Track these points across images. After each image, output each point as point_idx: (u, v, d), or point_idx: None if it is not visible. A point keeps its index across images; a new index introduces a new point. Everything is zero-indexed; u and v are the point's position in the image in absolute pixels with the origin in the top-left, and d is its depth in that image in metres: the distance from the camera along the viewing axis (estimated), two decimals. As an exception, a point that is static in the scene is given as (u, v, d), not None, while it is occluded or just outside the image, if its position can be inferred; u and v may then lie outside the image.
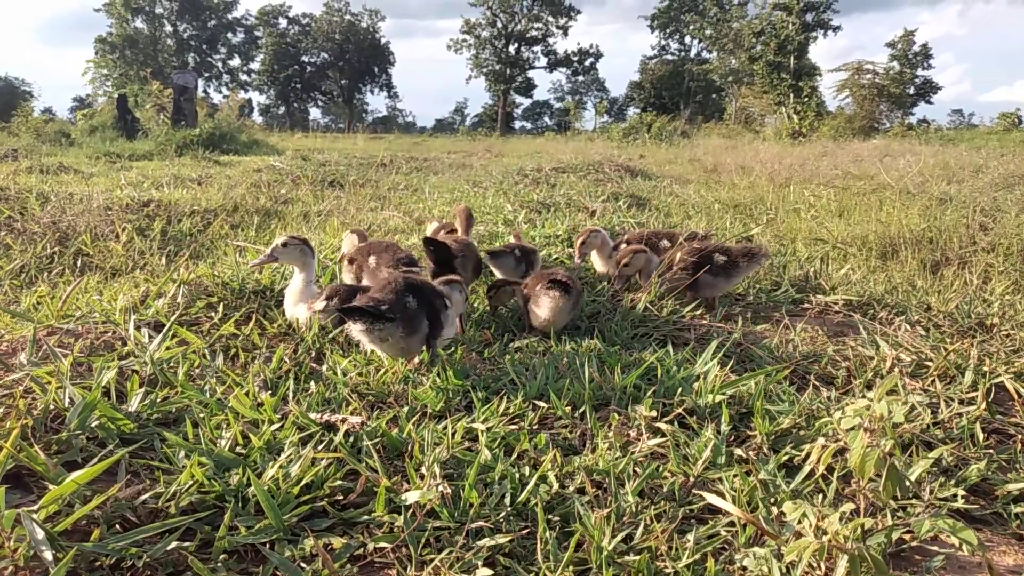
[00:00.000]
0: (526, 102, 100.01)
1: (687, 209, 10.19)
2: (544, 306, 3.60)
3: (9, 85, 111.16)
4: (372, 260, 3.90)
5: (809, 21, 47.44)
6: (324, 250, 5.74)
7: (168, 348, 2.90)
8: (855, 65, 43.03)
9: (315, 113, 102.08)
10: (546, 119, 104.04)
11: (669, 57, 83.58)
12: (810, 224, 8.61)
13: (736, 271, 4.42)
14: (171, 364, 2.82)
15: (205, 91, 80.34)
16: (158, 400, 2.41)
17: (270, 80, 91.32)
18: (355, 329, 2.87)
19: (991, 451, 2.53)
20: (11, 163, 16.39)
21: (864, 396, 3.00)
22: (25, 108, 35.20)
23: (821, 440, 1.91)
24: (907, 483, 2.12)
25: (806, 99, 43.79)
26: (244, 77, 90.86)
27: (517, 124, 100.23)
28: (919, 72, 60.71)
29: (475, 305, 4.19)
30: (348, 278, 4.15)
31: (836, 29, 49.04)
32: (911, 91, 57.25)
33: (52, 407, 2.26)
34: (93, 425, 2.16)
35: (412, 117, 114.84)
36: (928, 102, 61.48)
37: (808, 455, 2.17)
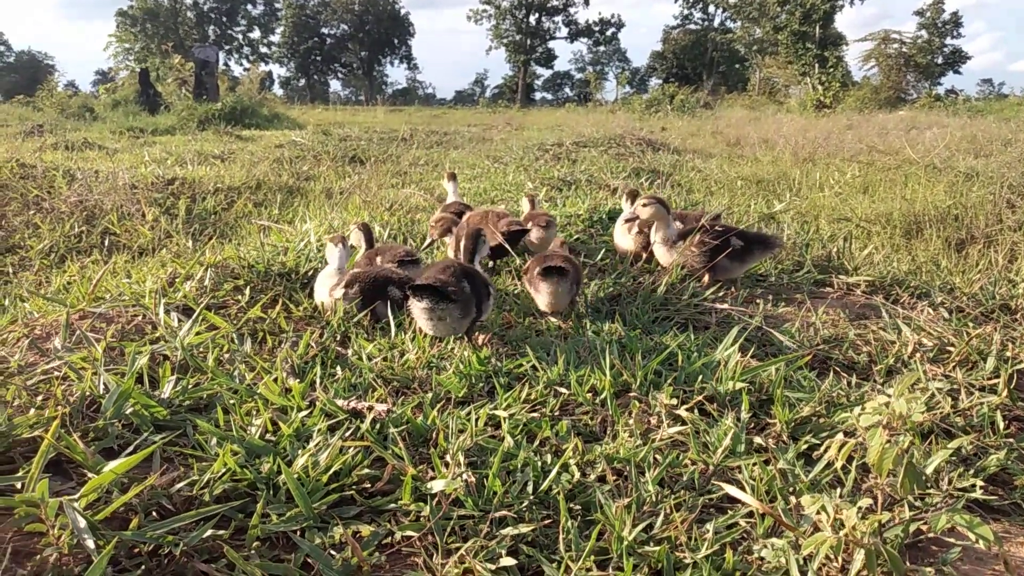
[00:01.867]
0: (547, 73, 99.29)
1: (709, 185, 10.12)
2: (543, 292, 3.63)
3: (33, 59, 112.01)
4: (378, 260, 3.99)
5: (836, -11, 46.53)
6: (348, 230, 5.77)
7: (198, 333, 2.96)
8: (882, 34, 42.26)
9: (335, 85, 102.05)
10: (567, 90, 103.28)
11: (692, 27, 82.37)
12: (833, 201, 8.53)
13: (750, 257, 4.43)
14: (201, 349, 2.89)
15: (226, 64, 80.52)
16: (189, 386, 2.47)
17: (290, 52, 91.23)
18: (418, 306, 3.04)
19: (1011, 440, 2.53)
20: (37, 139, 16.58)
21: (885, 385, 3.02)
22: (50, 83, 35.45)
23: (840, 436, 1.93)
24: (925, 476, 2.15)
25: (831, 69, 43.06)
26: (264, 50, 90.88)
27: (537, 95, 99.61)
28: (948, 41, 59.52)
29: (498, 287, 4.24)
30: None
31: (863, -3, 48.04)
32: (939, 60, 56.17)
33: (88, 394, 2.33)
34: (127, 412, 2.23)
35: (432, 89, 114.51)
36: (957, 72, 60.34)
37: (827, 446, 2.20)
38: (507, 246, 4.39)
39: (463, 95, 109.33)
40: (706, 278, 4.40)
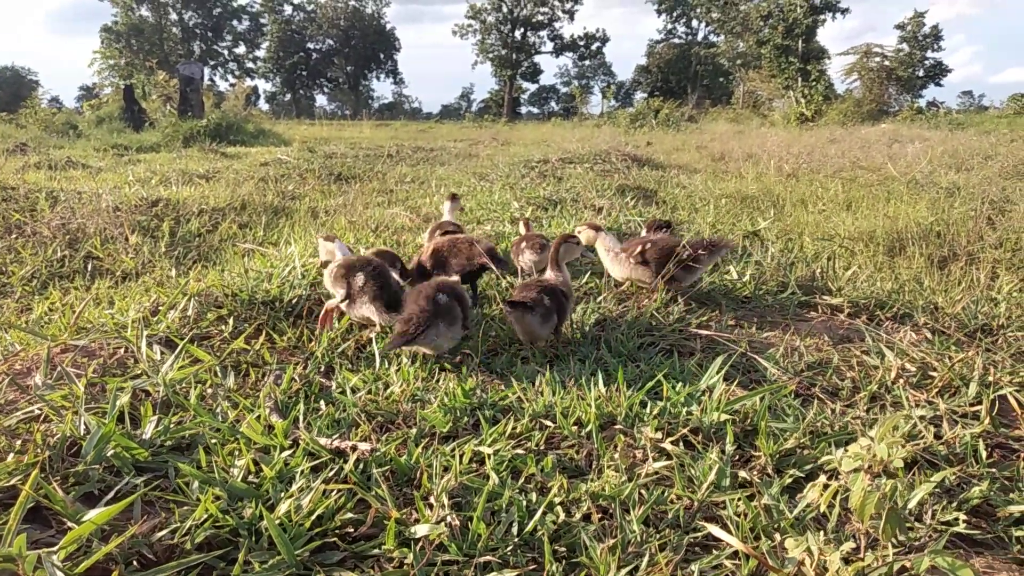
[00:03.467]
0: (532, 87, 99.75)
1: (694, 202, 10.17)
2: (516, 326, 3.63)
3: (16, 75, 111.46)
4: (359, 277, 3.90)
5: (817, 3, 47.03)
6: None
7: (181, 367, 2.94)
8: (863, 48, 42.76)
9: (321, 100, 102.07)
10: (552, 104, 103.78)
11: (676, 41, 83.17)
12: (817, 218, 8.60)
13: (699, 263, 4.50)
14: (183, 385, 2.86)
15: (211, 79, 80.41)
16: (171, 426, 2.45)
17: (276, 67, 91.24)
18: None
19: (993, 469, 2.55)
20: (20, 157, 16.48)
21: (869, 412, 3.03)
22: (33, 100, 35.25)
23: (823, 478, 1.93)
24: (908, 511, 2.16)
25: (814, 83, 43.50)
26: (250, 64, 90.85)
27: (523, 109, 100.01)
28: (929, 54, 60.26)
29: (484, 312, 4.23)
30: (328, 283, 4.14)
31: (844, 12, 48.54)
32: (920, 73, 56.85)
33: (69, 435, 2.30)
34: (108, 455, 2.20)
35: (418, 103, 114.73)
36: (938, 84, 61.12)
37: (811, 479, 2.20)
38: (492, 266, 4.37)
39: (449, 109, 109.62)
40: (659, 287, 4.45)
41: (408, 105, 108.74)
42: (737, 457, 2.57)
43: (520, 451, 2.45)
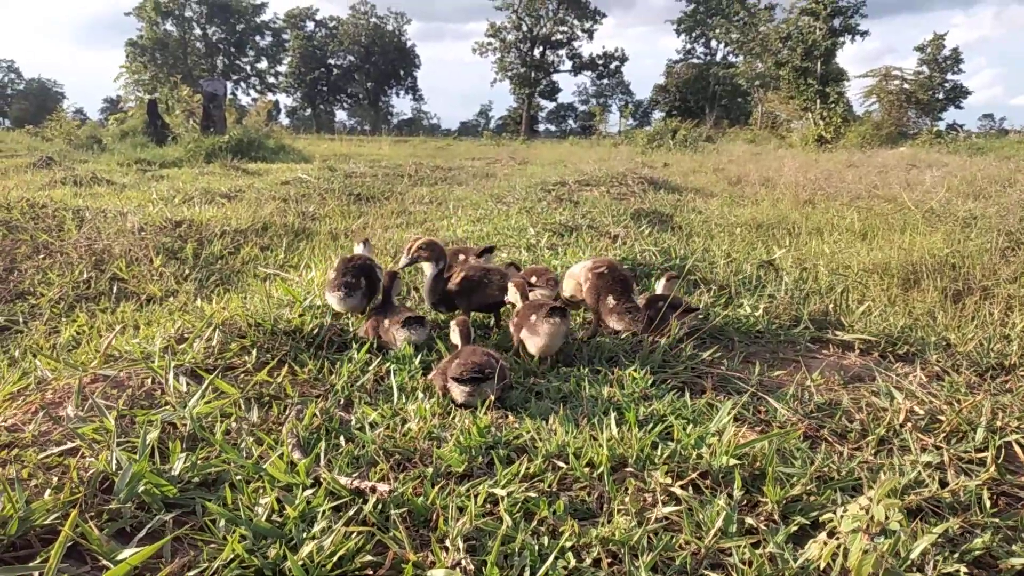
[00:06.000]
0: (550, 105, 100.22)
1: (710, 228, 10.24)
2: (544, 339, 3.93)
3: (43, 87, 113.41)
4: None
5: (837, 26, 47.07)
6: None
7: (207, 402, 3.05)
8: (883, 71, 42.75)
9: (341, 115, 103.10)
10: (570, 122, 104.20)
11: (695, 61, 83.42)
12: (832, 248, 8.63)
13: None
14: (209, 419, 2.97)
15: (234, 93, 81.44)
16: (198, 462, 2.55)
17: (297, 82, 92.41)
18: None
19: (997, 519, 2.59)
20: (46, 171, 16.81)
21: (877, 456, 3.09)
22: (59, 114, 35.84)
23: (823, 535, 2.00)
24: (910, 561, 2.21)
25: (833, 105, 43.46)
26: (271, 79, 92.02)
27: (541, 127, 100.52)
28: (949, 76, 60.13)
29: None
30: None
31: (864, 34, 48.55)
32: (940, 96, 56.68)
33: (101, 470, 2.41)
34: (139, 491, 2.31)
35: (437, 119, 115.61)
36: (958, 107, 61.01)
37: (816, 527, 2.26)
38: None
39: (467, 126, 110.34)
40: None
41: (427, 121, 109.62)
42: (745, 502, 2.64)
43: (533, 493, 2.52)
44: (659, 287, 5.08)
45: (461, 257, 5.43)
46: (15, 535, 2.03)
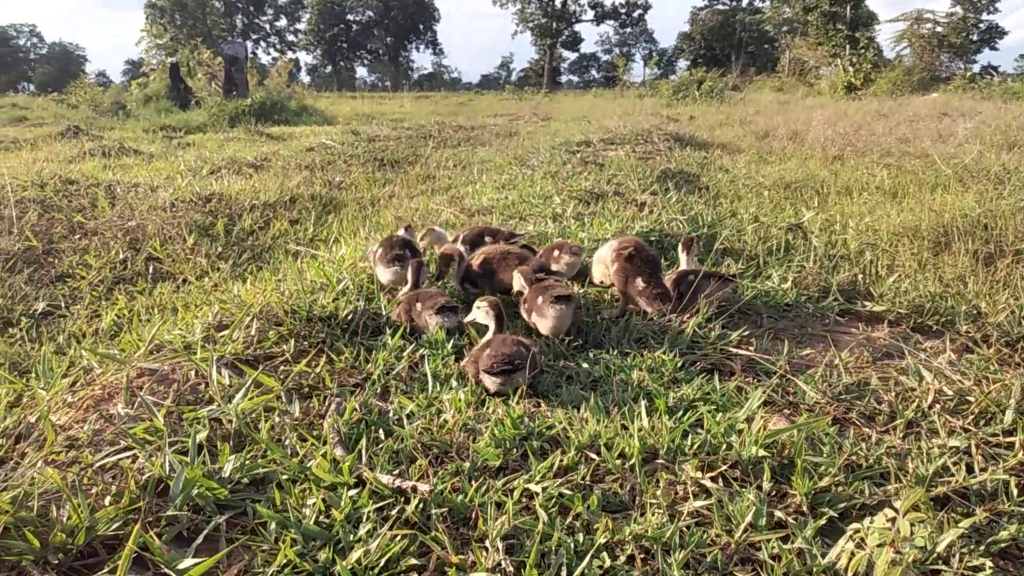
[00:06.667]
0: (573, 55, 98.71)
1: (737, 188, 10.15)
2: (554, 320, 4.08)
3: (65, 50, 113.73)
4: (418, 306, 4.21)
5: (867, -32, 45.59)
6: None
7: (250, 398, 3.16)
8: (914, 15, 41.46)
9: (361, 71, 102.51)
10: (593, 72, 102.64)
11: (720, 7, 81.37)
12: (861, 208, 8.53)
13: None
14: (253, 415, 3.09)
15: (254, 52, 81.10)
16: (246, 463, 2.66)
17: (317, 39, 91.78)
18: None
19: (1024, 507, 2.63)
20: (74, 141, 17.01)
21: (905, 440, 3.13)
22: (83, 80, 36.07)
23: (851, 545, 2.06)
24: (936, 554, 2.27)
25: (862, 51, 42.33)
26: (291, 37, 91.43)
27: (564, 78, 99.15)
28: (984, 16, 58.18)
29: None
30: None
31: (896, -25, 46.95)
32: (974, 37, 54.96)
33: (156, 475, 2.53)
34: (193, 494, 2.43)
35: (458, 73, 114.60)
36: (993, 48, 59.15)
37: (844, 518, 2.33)
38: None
39: (489, 79, 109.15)
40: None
41: (447, 75, 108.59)
42: (774, 493, 2.70)
43: (567, 490, 2.61)
44: (683, 260, 5.07)
45: (488, 239, 5.48)
46: (82, 544, 2.16)
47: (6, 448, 2.79)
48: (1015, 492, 2.70)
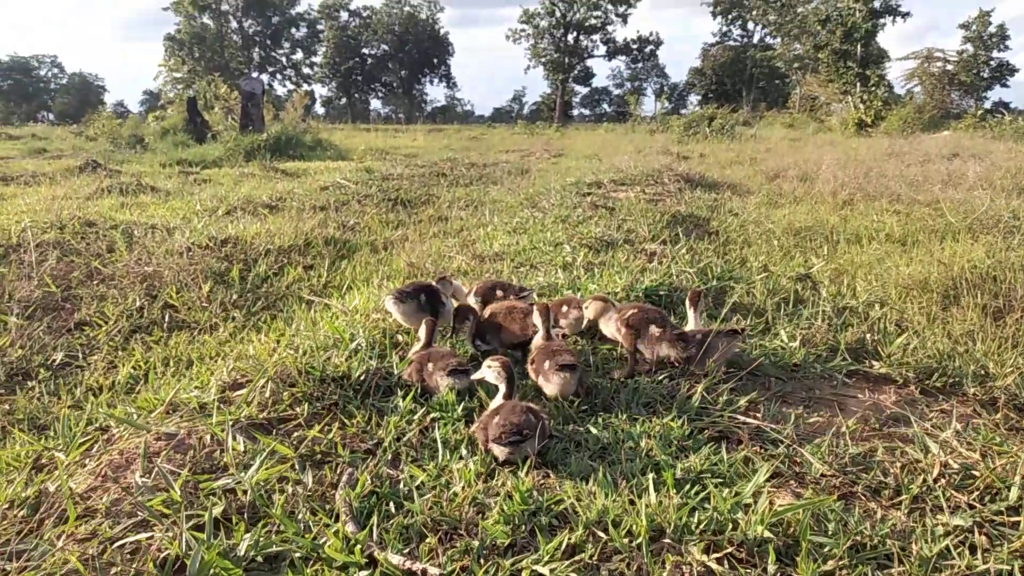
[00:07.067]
0: (584, 90, 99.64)
1: (747, 233, 10.22)
2: (559, 387, 4.19)
3: (84, 81, 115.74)
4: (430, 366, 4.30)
5: (877, 7, 45.99)
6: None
7: (265, 469, 3.22)
8: (925, 53, 41.77)
9: (376, 104, 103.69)
10: (604, 106, 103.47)
11: (732, 43, 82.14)
12: (871, 258, 8.58)
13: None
14: (267, 486, 3.15)
15: (270, 84, 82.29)
16: (260, 539, 2.71)
17: (332, 72, 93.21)
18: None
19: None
20: (92, 176, 17.30)
21: (910, 517, 3.16)
22: (102, 114, 36.75)
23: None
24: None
25: (873, 88, 42.61)
26: (307, 70, 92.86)
27: (575, 111, 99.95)
28: (994, 54, 58.44)
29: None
30: None
31: (905, 15, 47.35)
32: (985, 74, 55.19)
33: (175, 554, 2.59)
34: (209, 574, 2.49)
35: (471, 106, 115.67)
36: (1004, 85, 59.23)
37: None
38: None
39: (501, 112, 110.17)
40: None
41: (460, 108, 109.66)
42: (778, 574, 2.73)
43: (574, 573, 2.65)
44: (690, 316, 5.10)
45: (499, 293, 5.56)
46: (102, 631, 2.22)
47: (27, 520, 2.87)
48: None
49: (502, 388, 3.93)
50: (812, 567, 2.69)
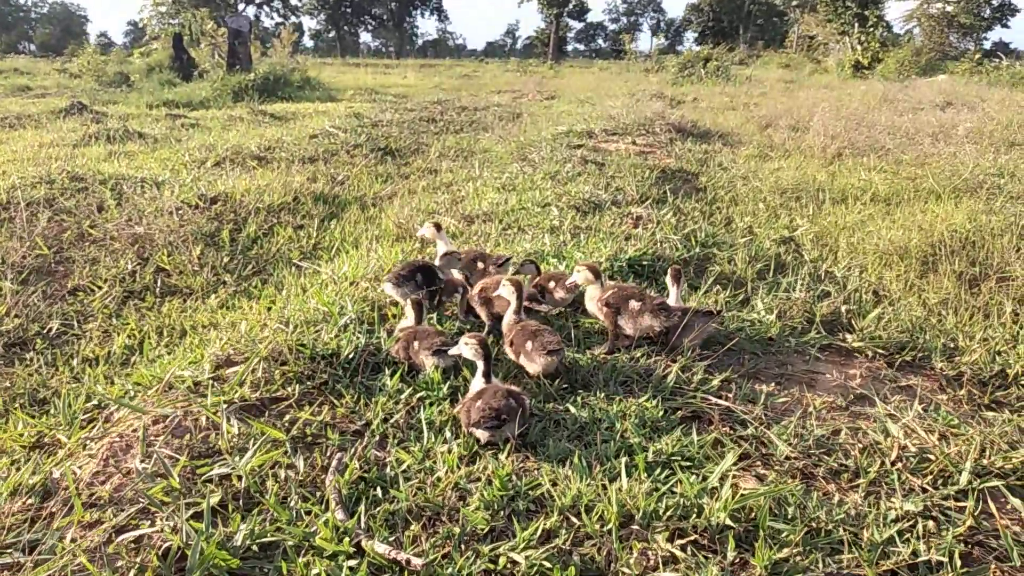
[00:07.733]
0: (579, 25, 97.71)
1: (735, 191, 10.31)
2: (538, 363, 4.37)
3: (66, 9, 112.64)
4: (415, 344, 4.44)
5: (878, -54, 44.98)
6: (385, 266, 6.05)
7: (259, 455, 3.40)
8: (924, -6, 41.06)
9: (365, 37, 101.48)
10: (600, 41, 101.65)
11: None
12: (855, 219, 8.69)
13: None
14: (261, 471, 3.34)
15: (257, 16, 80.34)
16: (255, 528, 2.91)
17: (320, 4, 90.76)
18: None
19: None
20: (79, 119, 17.12)
21: (866, 500, 3.37)
22: (87, 49, 36.05)
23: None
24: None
25: (871, 29, 41.98)
26: (295, 1, 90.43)
27: (570, 47, 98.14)
28: (996, -7, 57.46)
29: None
30: None
31: (907, -48, 46.28)
32: (986, 14, 54.36)
33: (177, 546, 2.79)
34: (208, 566, 2.68)
35: (463, 40, 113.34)
36: (1004, 25, 58.39)
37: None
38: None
39: (494, 46, 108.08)
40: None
41: (452, 42, 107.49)
42: (737, 561, 2.95)
43: (546, 561, 2.85)
44: (672, 292, 5.24)
45: (480, 264, 5.68)
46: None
47: (35, 507, 3.05)
48: (959, 564, 2.95)
49: (480, 365, 4.09)
50: (768, 554, 2.90)
